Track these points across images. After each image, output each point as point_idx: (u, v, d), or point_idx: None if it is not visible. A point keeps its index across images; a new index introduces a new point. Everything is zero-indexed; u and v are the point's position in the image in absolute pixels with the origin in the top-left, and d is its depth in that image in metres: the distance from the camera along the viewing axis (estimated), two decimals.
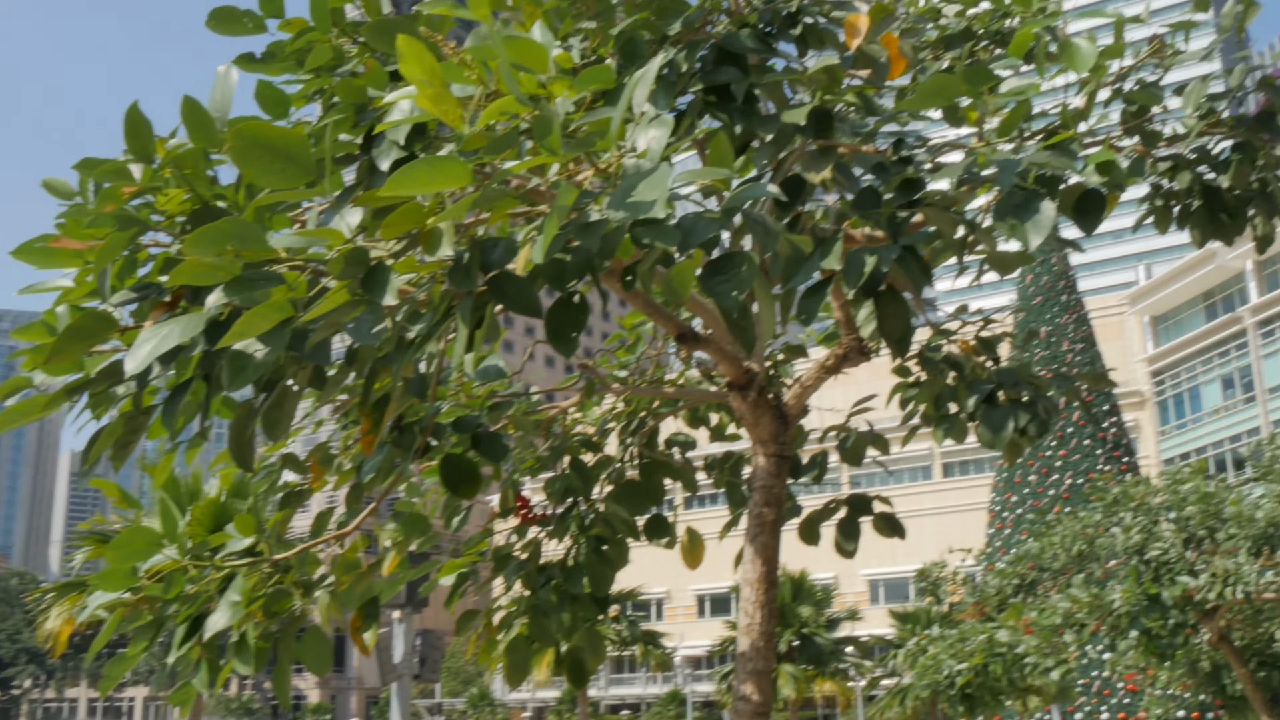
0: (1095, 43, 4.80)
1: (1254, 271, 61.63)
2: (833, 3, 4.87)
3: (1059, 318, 42.66)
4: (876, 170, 3.91)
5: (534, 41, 2.95)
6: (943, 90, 3.68)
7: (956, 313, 6.42)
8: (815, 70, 4.12)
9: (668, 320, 4.93)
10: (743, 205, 2.99)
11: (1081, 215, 4.34)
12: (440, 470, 4.93)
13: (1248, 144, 5.48)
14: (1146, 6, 6.27)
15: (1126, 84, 5.33)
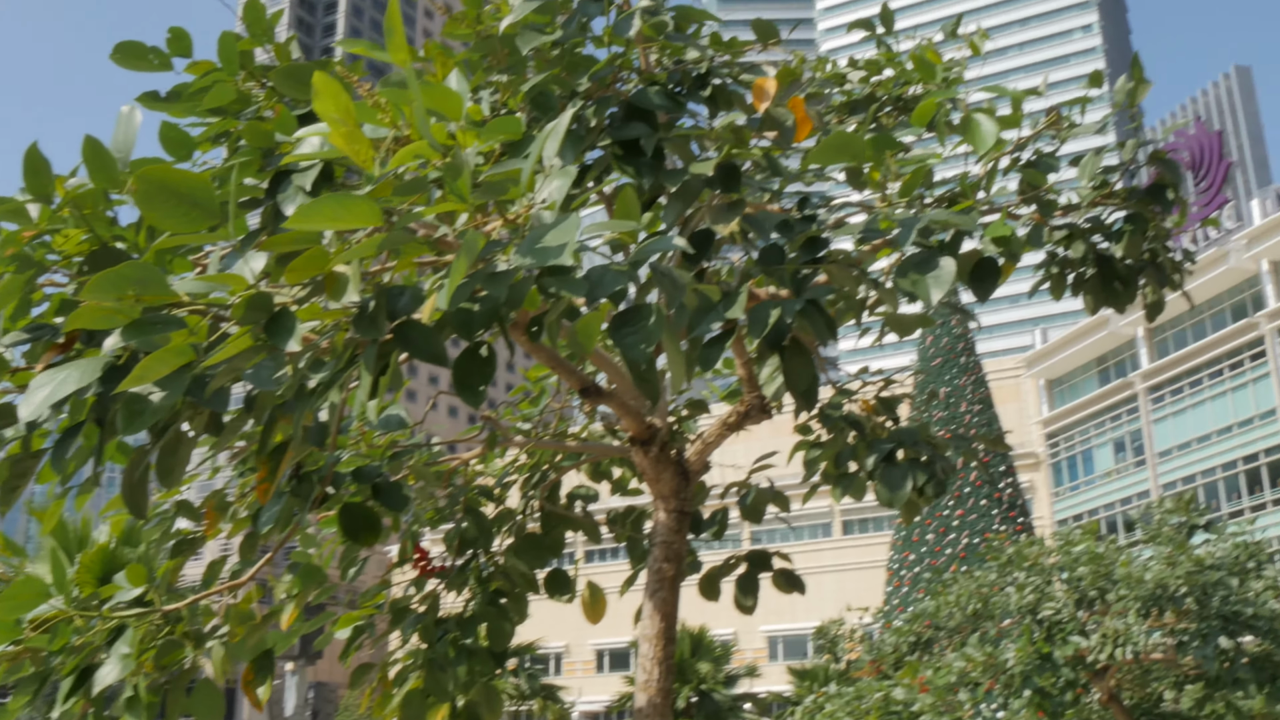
0: (995, 115, 4.93)
1: (1145, 338, 63.34)
2: (741, 66, 4.96)
3: (958, 379, 43.37)
4: (781, 228, 3.97)
5: (450, 89, 2.96)
6: (844, 147, 3.75)
7: (858, 373, 6.51)
8: (723, 126, 4.18)
9: (571, 374, 4.94)
10: (650, 258, 3.02)
11: (977, 282, 4.43)
12: (339, 518, 4.87)
13: (1139, 215, 5.65)
14: (1044, 80, 6.46)
15: (1025, 154, 5.48)
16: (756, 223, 3.96)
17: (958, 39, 5.96)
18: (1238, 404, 58.29)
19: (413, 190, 2.95)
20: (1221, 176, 59.14)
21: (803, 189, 4.86)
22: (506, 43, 4.35)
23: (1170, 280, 5.99)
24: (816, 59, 6.17)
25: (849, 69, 5.78)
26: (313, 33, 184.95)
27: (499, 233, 2.99)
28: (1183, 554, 18.70)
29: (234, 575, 5.33)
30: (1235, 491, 57.83)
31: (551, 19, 4.38)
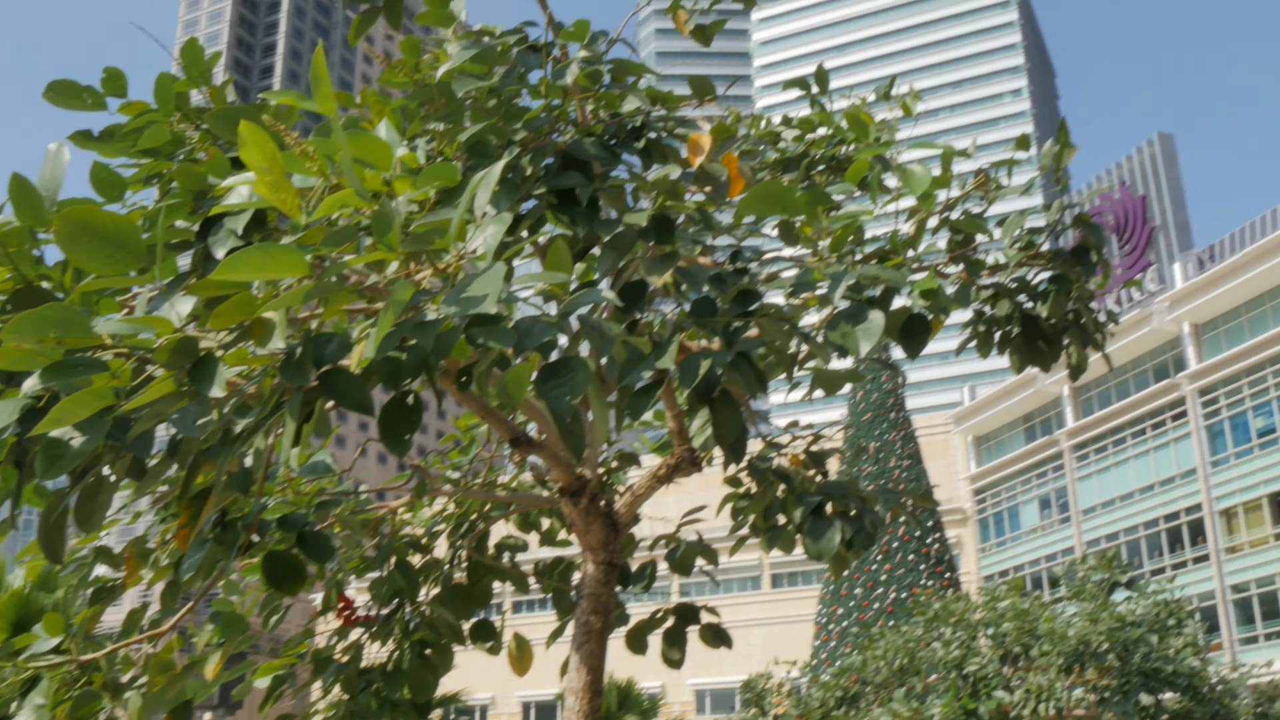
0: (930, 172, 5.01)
1: (1070, 397, 64.31)
2: (676, 120, 5.00)
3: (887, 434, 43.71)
4: (714, 281, 4.00)
5: (379, 138, 2.96)
6: (776, 199, 3.79)
7: (787, 427, 6.55)
8: (657, 179, 4.21)
9: (501, 424, 4.92)
10: (580, 309, 3.02)
11: (907, 338, 4.49)
12: (263, 566, 4.79)
13: (1064, 277, 5.75)
14: (973, 142, 6.57)
15: (953, 214, 5.56)
16: (689, 275, 3.99)
17: (891, 100, 6.06)
18: (1160, 463, 59.27)
19: (342, 239, 2.94)
20: (1145, 240, 60.41)
21: (736, 243, 4.90)
22: (443, 90, 4.36)
23: (1093, 340, 6.09)
24: (751, 116, 6.24)
25: (783, 127, 5.85)
26: (250, 74, 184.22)
27: (429, 281, 2.99)
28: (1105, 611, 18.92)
29: (154, 624, 5.22)
30: (1157, 549, 58.69)
31: (489, 68, 4.40)
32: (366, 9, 4.94)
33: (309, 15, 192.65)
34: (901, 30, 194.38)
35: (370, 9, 4.94)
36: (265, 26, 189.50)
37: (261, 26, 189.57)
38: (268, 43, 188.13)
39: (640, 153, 4.97)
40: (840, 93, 6.09)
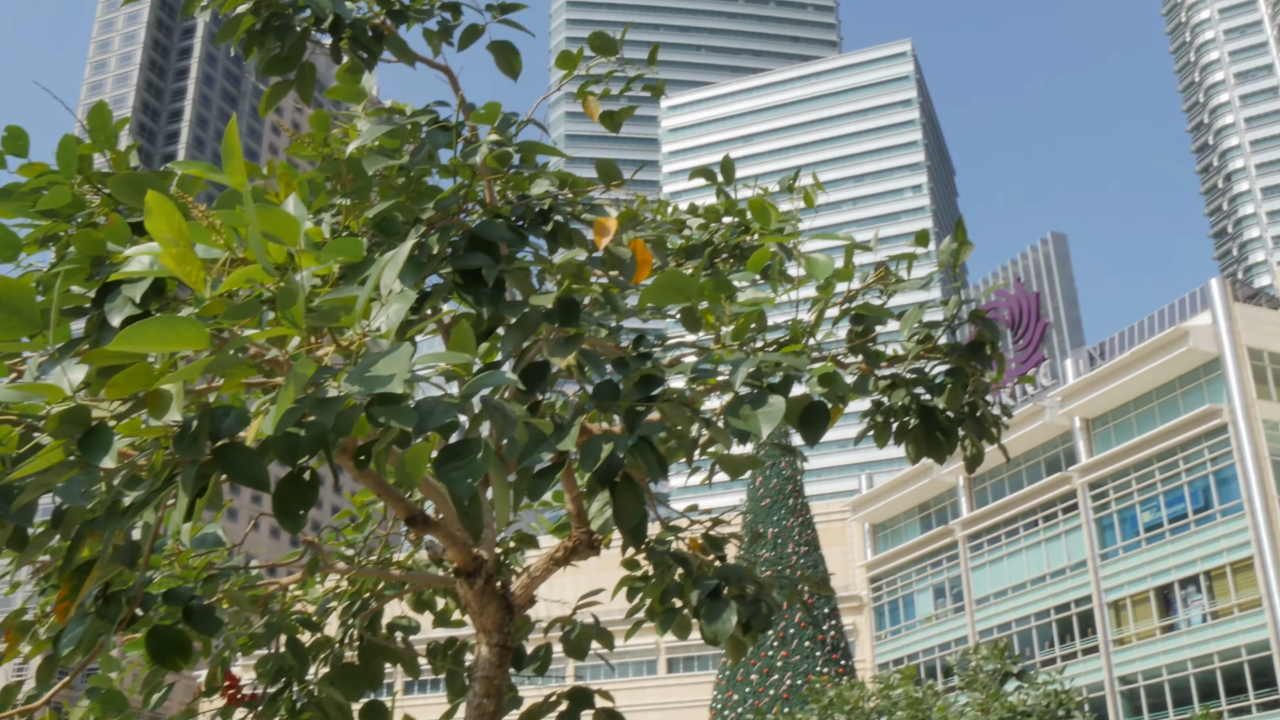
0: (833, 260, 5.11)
1: (965, 487, 65.29)
2: (584, 204, 5.05)
3: (786, 520, 43.96)
4: (617, 365, 4.02)
5: (286, 213, 2.94)
6: (679, 287, 3.83)
7: (686, 511, 6.56)
8: (564, 261, 4.24)
9: (398, 502, 4.86)
10: (483, 390, 3.02)
11: (806, 426, 4.54)
12: (147, 641, 4.66)
13: (960, 370, 5.86)
14: (875, 235, 6.71)
15: (854, 305, 5.66)
16: (592, 358, 4.01)
17: (795, 191, 6.18)
18: (1051, 554, 60.27)
19: (245, 313, 2.91)
20: (1038, 336, 61.86)
21: (640, 327, 4.94)
22: (352, 166, 4.36)
23: (988, 433, 6.20)
24: (658, 202, 6.33)
25: (689, 214, 5.93)
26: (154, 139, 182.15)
27: (331, 358, 2.97)
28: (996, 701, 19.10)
29: (30, 699, 5.04)
30: (1048, 640, 59.46)
31: (399, 145, 4.42)
32: (278, 82, 4.94)
33: (217, 83, 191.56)
34: (807, 124, 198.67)
35: (281, 82, 4.94)
36: (172, 92, 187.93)
37: (169, 92, 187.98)
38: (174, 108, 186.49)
39: (547, 235, 5.00)
40: (744, 182, 6.20)
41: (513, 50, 4.93)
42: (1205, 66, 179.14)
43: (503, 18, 4.91)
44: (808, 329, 4.85)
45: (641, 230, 5.10)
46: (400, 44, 4.89)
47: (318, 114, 4.97)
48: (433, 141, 4.39)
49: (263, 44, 4.70)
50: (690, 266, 5.71)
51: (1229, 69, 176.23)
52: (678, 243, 6.07)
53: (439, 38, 4.95)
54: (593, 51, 5.14)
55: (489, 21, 4.94)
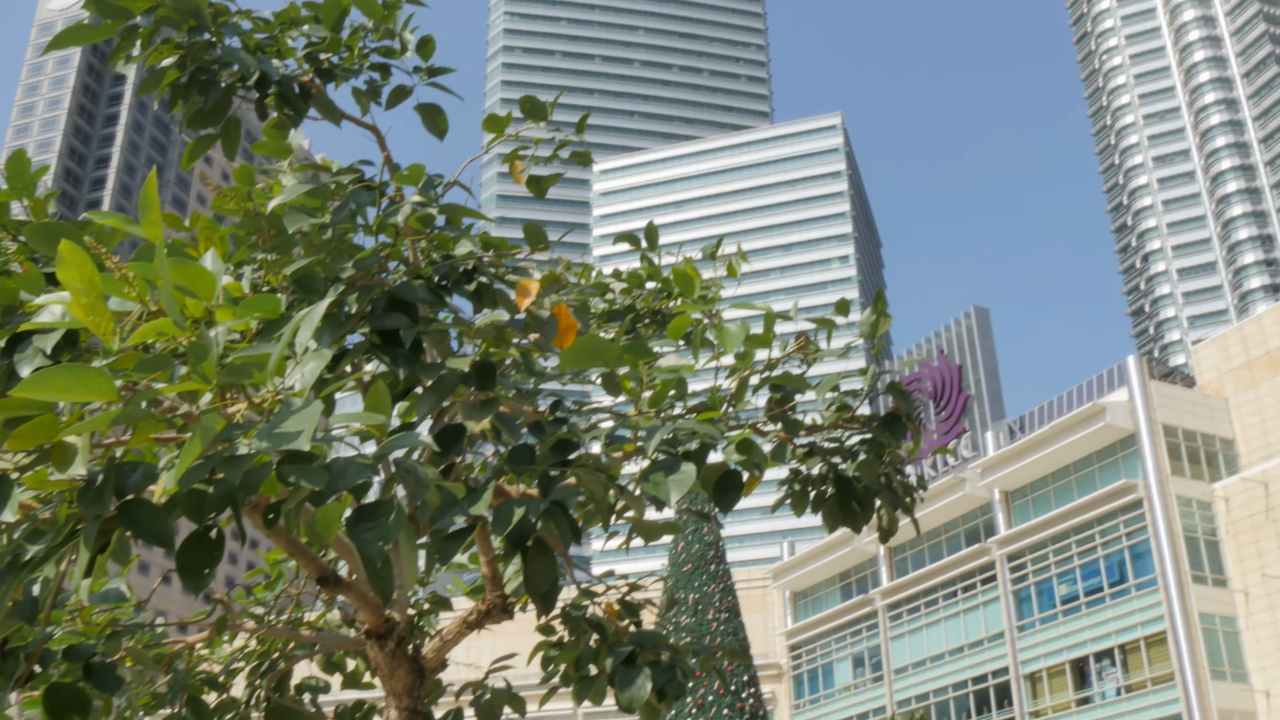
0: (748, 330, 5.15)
1: (886, 557, 65.63)
2: (509, 266, 5.06)
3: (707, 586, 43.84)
4: (533, 429, 4.02)
5: (202, 267, 2.93)
6: (597, 352, 3.84)
7: (602, 576, 6.54)
8: (483, 324, 4.25)
9: (310, 562, 4.81)
10: (396, 452, 3.00)
11: (721, 493, 4.56)
12: (45, 697, 4.53)
13: (876, 441, 5.92)
14: (795, 304, 6.79)
15: (775, 373, 5.71)
16: (508, 422, 4.01)
17: (719, 259, 6.25)
18: (969, 626, 60.62)
19: (155, 366, 2.88)
20: (960, 408, 62.64)
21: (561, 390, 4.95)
22: (273, 222, 4.34)
23: (903, 504, 6.26)
24: (583, 266, 6.36)
25: (613, 279, 5.97)
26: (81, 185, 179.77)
27: (244, 415, 2.94)
28: None
29: None
30: (965, 712, 59.65)
31: (322, 203, 4.41)
32: (202, 135, 4.92)
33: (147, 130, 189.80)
34: (738, 192, 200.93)
35: (206, 136, 4.93)
36: (100, 138, 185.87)
37: (97, 138, 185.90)
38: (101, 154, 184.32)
39: (471, 295, 5.01)
40: (669, 249, 6.25)
41: (439, 112, 4.95)
42: (1125, 149, 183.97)
43: (430, 80, 4.94)
44: (726, 397, 4.88)
45: (565, 294, 5.12)
46: (327, 103, 4.90)
47: (243, 168, 4.94)
48: (356, 200, 4.39)
49: (188, 97, 4.69)
50: (612, 331, 5.74)
51: (1148, 152, 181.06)
52: (601, 307, 6.10)
53: (367, 97, 4.96)
54: (523, 116, 5.18)
55: (417, 83, 4.97)
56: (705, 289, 5.81)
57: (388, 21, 4.82)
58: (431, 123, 4.94)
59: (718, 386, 4.99)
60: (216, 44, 4.60)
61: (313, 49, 4.88)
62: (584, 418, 4.37)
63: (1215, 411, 56.27)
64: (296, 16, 4.88)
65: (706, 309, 5.08)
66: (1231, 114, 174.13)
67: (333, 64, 4.92)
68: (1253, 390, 55.73)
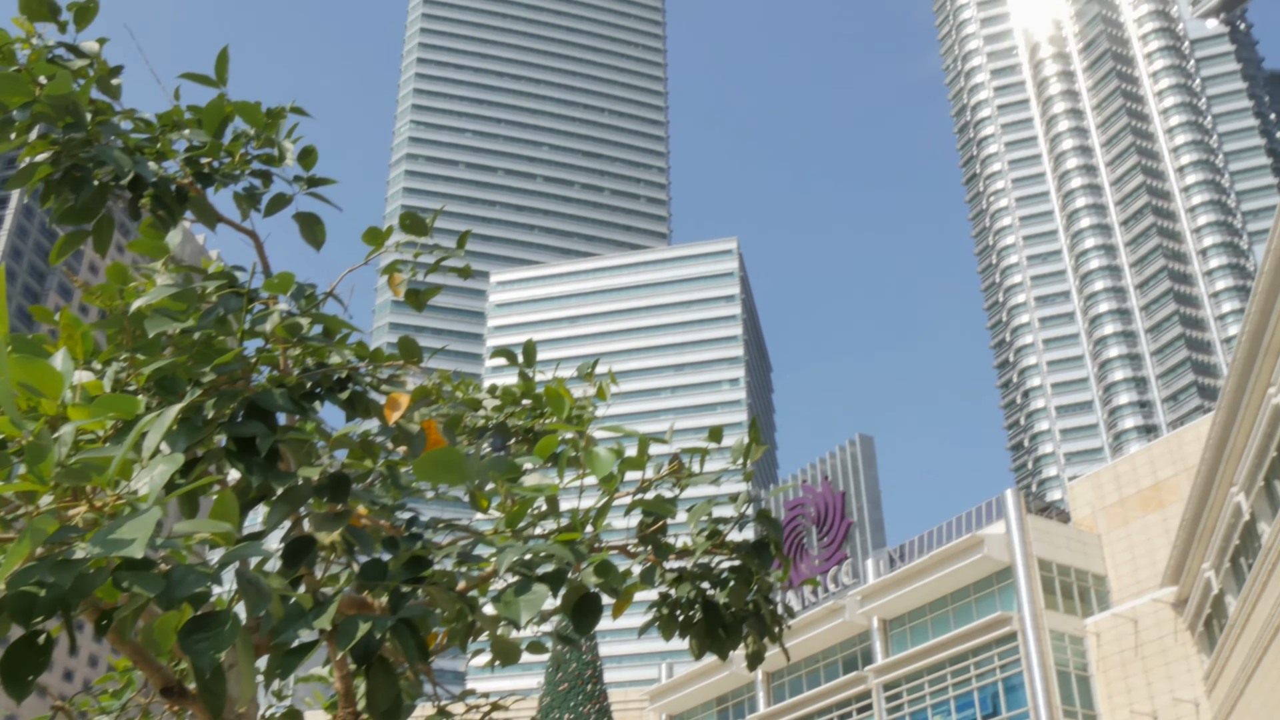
0: (622, 453, 5.19)
1: (763, 682, 65.35)
2: (383, 376, 5.05)
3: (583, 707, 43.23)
4: (387, 544, 3.99)
5: (49, 366, 2.89)
6: (450, 466, 3.83)
7: (461, 695, 6.43)
8: (340, 435, 4.22)
9: (155, 671, 4.66)
10: (239, 561, 2.96)
11: (579, 616, 4.54)
12: None
13: (745, 568, 5.96)
14: (670, 428, 6.85)
15: (647, 496, 5.74)
16: (360, 536, 3.97)
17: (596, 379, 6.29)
18: None
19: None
20: (842, 534, 63.19)
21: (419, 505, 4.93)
22: (136, 322, 4.30)
23: (771, 632, 6.28)
24: (462, 379, 6.36)
25: (487, 395, 5.98)
26: None
27: (83, 518, 2.88)
28: None
29: None
30: None
31: (188, 306, 4.37)
32: (73, 232, 4.87)
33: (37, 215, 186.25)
34: (633, 310, 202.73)
35: (76, 232, 4.88)
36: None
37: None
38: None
39: (345, 404, 4.98)
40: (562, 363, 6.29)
41: (317, 222, 4.97)
42: (1009, 287, 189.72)
43: (310, 191, 4.96)
44: (588, 518, 4.89)
45: (435, 409, 5.12)
46: (203, 206, 4.89)
47: (115, 266, 4.89)
48: (224, 305, 4.37)
49: (60, 193, 4.65)
50: (485, 446, 5.73)
51: (1030, 291, 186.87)
52: (479, 421, 6.09)
53: (248, 203, 4.96)
54: (403, 231, 5.21)
55: (297, 192, 4.99)
56: (581, 409, 5.84)
57: (270, 131, 4.85)
58: (309, 232, 4.95)
59: (582, 509, 5.00)
60: (93, 142, 4.58)
61: (193, 152, 4.88)
62: (441, 534, 4.34)
63: (1089, 547, 57.47)
64: (180, 119, 4.89)
65: (579, 429, 5.11)
66: (1109, 259, 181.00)
67: (213, 168, 4.92)
68: (1124, 528, 57.08)
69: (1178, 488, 54.17)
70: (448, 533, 4.45)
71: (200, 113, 4.82)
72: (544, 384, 6.20)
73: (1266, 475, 36.59)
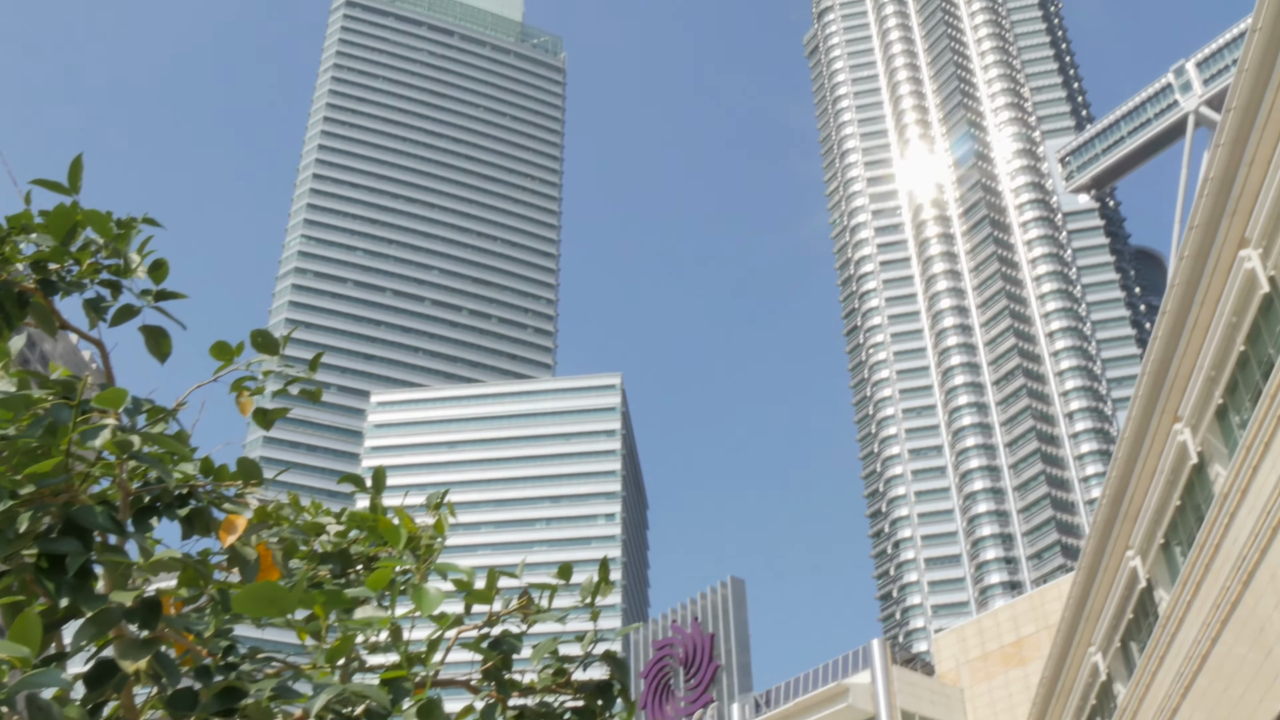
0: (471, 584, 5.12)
1: None
2: (227, 496, 4.95)
3: None
4: (199, 673, 3.86)
5: None
6: (271, 599, 3.74)
7: None
8: (158, 558, 4.10)
9: None
10: (34, 688, 2.84)
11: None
12: None
13: (588, 708, 5.89)
14: (521, 563, 6.80)
15: (494, 630, 5.67)
16: (168, 664, 3.83)
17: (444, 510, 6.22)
18: None
19: None
20: (709, 677, 62.76)
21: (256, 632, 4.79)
22: None
23: None
24: (312, 502, 6.23)
25: (332, 520, 5.87)
26: None
27: None
28: None
29: None
30: None
31: (14, 415, 4.25)
32: None
33: None
34: (513, 439, 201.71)
35: None
36: None
37: None
38: None
39: (184, 521, 4.87)
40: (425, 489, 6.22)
41: (164, 335, 4.89)
42: (884, 439, 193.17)
43: (155, 305, 4.89)
44: (418, 655, 4.80)
45: (273, 534, 5.01)
46: (44, 313, 4.79)
47: None
48: (55, 416, 4.25)
49: None
50: (323, 573, 5.61)
51: (904, 444, 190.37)
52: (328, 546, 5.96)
53: (95, 313, 4.87)
54: (254, 349, 5.15)
55: (144, 305, 4.92)
56: (430, 540, 5.76)
57: (120, 242, 4.78)
58: (154, 345, 4.86)
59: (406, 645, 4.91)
60: None
61: (40, 257, 4.79)
62: (260, 665, 4.22)
63: (951, 700, 57.81)
64: (29, 224, 4.81)
65: (418, 562, 5.03)
66: (981, 416, 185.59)
67: (61, 276, 4.83)
68: (986, 683, 57.60)
69: (1039, 645, 54.95)
70: (266, 664, 4.32)
71: (49, 218, 4.75)
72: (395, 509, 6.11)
73: (1123, 637, 37.33)
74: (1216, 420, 28.96)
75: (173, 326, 4.99)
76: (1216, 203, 26.36)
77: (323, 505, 6.27)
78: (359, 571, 5.71)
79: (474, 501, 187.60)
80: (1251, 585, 26.18)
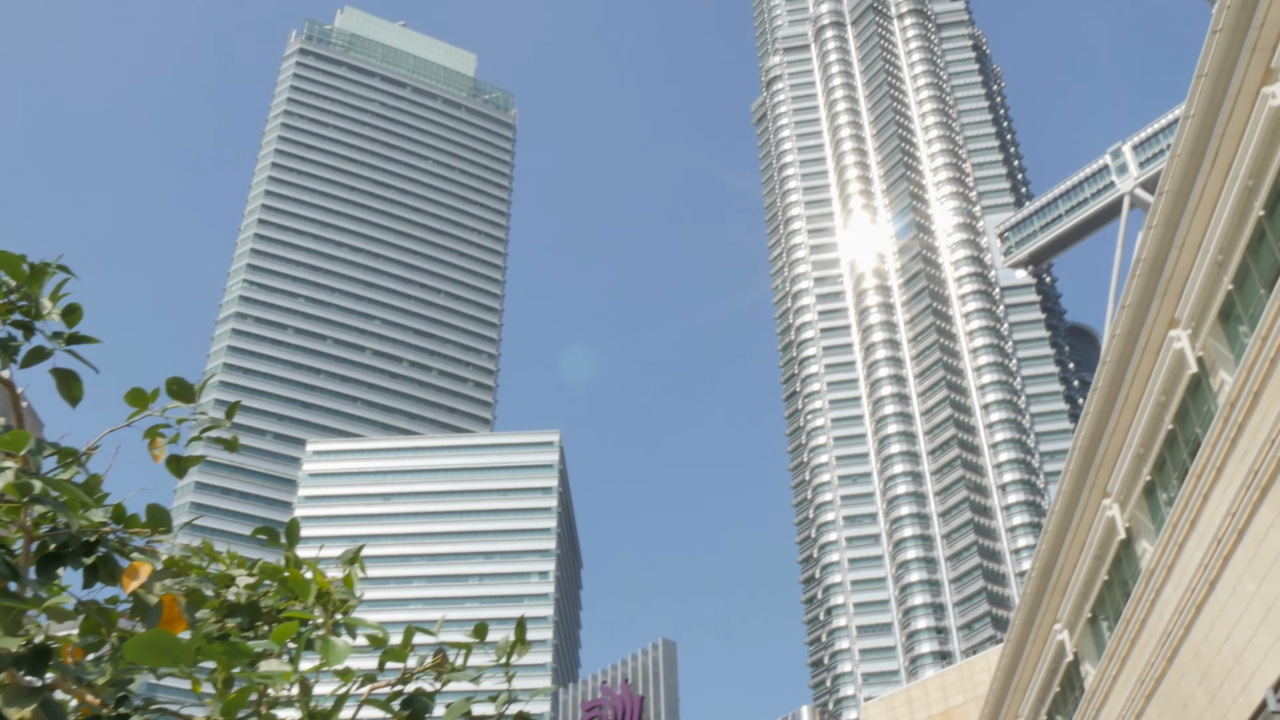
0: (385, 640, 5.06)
1: None
2: (135, 545, 4.87)
3: None
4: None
5: None
6: (165, 650, 3.65)
7: None
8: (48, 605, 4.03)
9: None
10: None
11: None
12: None
13: None
14: (440, 620, 6.74)
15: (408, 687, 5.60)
16: (54, 711, 3.75)
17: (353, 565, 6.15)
18: None
19: None
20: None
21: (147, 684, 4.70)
22: None
23: None
24: (227, 552, 6.14)
25: (243, 572, 5.78)
26: None
27: None
28: None
29: None
30: None
31: None
32: None
33: None
34: (448, 493, 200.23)
35: None
36: None
37: None
38: None
39: (89, 569, 4.79)
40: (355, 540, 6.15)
41: (75, 379, 4.83)
42: (820, 505, 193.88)
43: (67, 348, 4.83)
44: (326, 713, 4.73)
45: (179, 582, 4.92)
46: None
47: None
48: None
49: None
50: (231, 625, 5.52)
51: (839, 511, 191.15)
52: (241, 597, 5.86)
53: (4, 354, 4.80)
54: (170, 397, 5.09)
55: (56, 348, 4.85)
56: (343, 595, 5.69)
57: (33, 286, 4.72)
58: (65, 389, 4.80)
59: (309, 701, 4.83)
60: None
61: None
62: (155, 716, 4.13)
63: None
64: None
65: (329, 617, 4.96)
66: (916, 485, 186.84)
67: None
68: None
69: (967, 715, 55.04)
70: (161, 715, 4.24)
71: None
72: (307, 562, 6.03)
73: (1049, 711, 37.48)
74: (1144, 497, 29.35)
75: (86, 371, 4.92)
76: (1148, 283, 26.88)
77: (237, 555, 6.18)
78: (269, 625, 5.62)
79: (407, 555, 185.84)
80: (1175, 662, 26.43)
